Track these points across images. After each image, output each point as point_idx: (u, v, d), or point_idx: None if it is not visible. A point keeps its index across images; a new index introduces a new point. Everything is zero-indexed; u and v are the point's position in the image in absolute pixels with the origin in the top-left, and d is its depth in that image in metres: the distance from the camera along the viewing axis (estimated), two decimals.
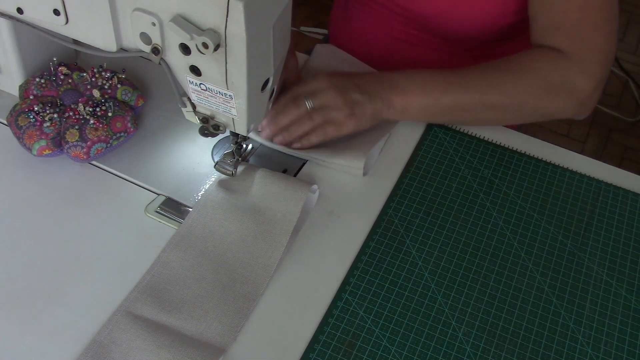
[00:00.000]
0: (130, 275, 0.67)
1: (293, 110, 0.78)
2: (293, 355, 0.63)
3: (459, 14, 0.91)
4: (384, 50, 1.04)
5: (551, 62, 0.80)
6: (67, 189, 0.75)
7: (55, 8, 0.64)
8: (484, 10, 0.90)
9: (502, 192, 0.80)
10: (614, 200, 0.80)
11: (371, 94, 0.79)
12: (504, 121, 0.84)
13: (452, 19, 0.92)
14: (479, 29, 0.92)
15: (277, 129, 0.78)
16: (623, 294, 0.71)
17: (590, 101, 0.81)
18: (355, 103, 0.78)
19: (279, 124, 0.78)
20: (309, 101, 0.78)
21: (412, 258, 0.72)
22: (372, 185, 0.79)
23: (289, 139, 0.79)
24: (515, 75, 0.80)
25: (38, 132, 0.74)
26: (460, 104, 0.80)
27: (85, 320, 0.64)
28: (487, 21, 0.91)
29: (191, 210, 0.73)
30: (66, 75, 0.80)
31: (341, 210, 0.76)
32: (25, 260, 0.68)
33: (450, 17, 0.92)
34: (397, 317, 0.67)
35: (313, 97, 0.78)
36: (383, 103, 0.80)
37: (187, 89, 0.66)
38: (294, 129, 0.78)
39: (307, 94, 0.79)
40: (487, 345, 0.66)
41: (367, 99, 0.79)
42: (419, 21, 0.97)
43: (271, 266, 0.69)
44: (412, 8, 0.95)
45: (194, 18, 0.58)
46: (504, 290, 0.70)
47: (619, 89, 2.30)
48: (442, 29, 0.95)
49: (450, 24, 0.93)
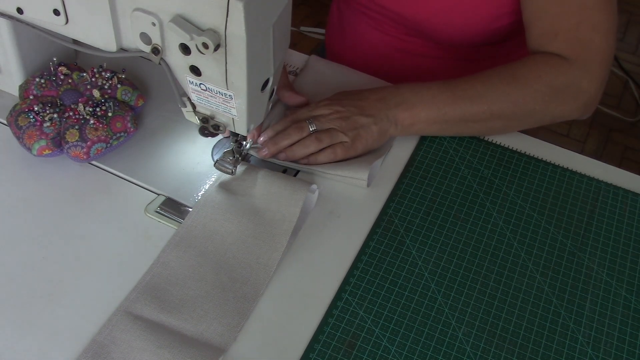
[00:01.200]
0: (130, 275, 0.67)
1: (296, 133, 0.77)
2: (293, 355, 0.63)
3: (452, 17, 0.91)
4: (381, 58, 1.03)
5: (554, 67, 0.79)
6: (67, 189, 0.75)
7: (55, 8, 0.64)
8: (478, 14, 0.90)
9: (502, 192, 0.80)
10: (614, 200, 0.80)
11: (375, 115, 0.79)
12: (512, 129, 0.84)
13: (445, 23, 0.92)
14: (473, 32, 0.92)
15: (277, 149, 0.78)
16: (623, 294, 0.71)
17: (594, 101, 0.82)
18: (361, 126, 0.78)
19: (279, 146, 0.77)
20: (312, 125, 0.78)
21: (412, 258, 0.72)
22: (372, 185, 0.79)
23: (292, 158, 0.78)
24: (521, 83, 0.79)
25: (38, 132, 0.74)
26: (469, 115, 0.80)
27: (85, 320, 0.64)
28: (481, 24, 0.91)
29: (191, 211, 0.73)
30: (66, 75, 0.80)
31: (341, 210, 0.76)
32: (25, 260, 0.68)
33: (443, 21, 0.92)
34: (397, 317, 0.67)
35: (316, 122, 0.78)
36: (389, 122, 0.79)
37: (187, 89, 0.66)
38: (299, 149, 0.77)
39: (310, 118, 0.78)
40: (487, 345, 0.66)
41: (372, 121, 0.79)
42: (412, 27, 0.96)
43: (271, 266, 0.69)
44: (404, 13, 0.94)
45: (194, 18, 0.58)
46: (504, 290, 0.70)
47: (619, 89, 2.30)
48: (436, 33, 0.95)
49: (443, 28, 0.93)
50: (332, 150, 0.78)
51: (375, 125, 0.78)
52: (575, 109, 0.81)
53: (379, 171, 0.80)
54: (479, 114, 0.79)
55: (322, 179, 0.78)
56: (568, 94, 0.80)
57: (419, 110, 0.79)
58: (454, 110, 0.79)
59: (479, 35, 0.93)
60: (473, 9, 0.89)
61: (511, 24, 0.91)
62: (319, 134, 0.77)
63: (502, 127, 0.83)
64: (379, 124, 0.79)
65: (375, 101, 0.80)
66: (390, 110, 0.79)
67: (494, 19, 0.90)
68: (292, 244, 0.72)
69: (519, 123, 0.83)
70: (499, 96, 0.79)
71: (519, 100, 0.79)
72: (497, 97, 0.79)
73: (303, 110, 0.81)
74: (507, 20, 0.91)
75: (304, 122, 0.78)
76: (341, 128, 0.78)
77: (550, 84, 0.79)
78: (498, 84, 0.80)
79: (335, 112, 0.79)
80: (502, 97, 0.79)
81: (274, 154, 0.78)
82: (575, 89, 0.80)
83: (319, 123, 0.78)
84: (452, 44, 0.97)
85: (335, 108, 0.79)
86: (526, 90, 0.79)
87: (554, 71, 0.79)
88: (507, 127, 0.83)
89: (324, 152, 0.78)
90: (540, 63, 0.80)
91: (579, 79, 0.80)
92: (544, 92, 0.79)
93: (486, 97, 0.79)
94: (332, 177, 0.78)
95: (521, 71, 0.80)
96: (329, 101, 0.81)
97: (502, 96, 0.79)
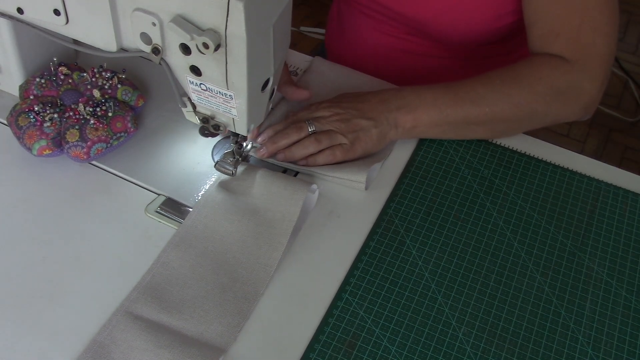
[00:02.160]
0: (130, 275, 0.67)
1: (295, 133, 0.77)
2: (293, 355, 0.63)
3: (453, 17, 0.91)
4: (381, 58, 1.03)
5: (555, 69, 0.79)
6: (67, 189, 0.75)
7: (56, 8, 0.64)
8: (479, 13, 0.90)
9: (502, 192, 0.80)
10: (614, 200, 0.80)
11: (376, 118, 0.79)
12: (514, 131, 0.84)
13: (448, 23, 0.92)
14: (474, 32, 0.92)
15: (276, 149, 0.77)
16: (623, 294, 0.71)
17: (595, 103, 0.82)
18: (360, 129, 0.78)
19: (278, 145, 0.77)
20: (311, 126, 0.77)
21: (412, 258, 0.72)
22: (373, 185, 0.79)
23: (290, 159, 0.78)
24: (523, 85, 0.79)
25: (38, 132, 0.74)
26: (471, 118, 0.80)
27: (85, 320, 0.64)
28: (482, 24, 0.91)
29: (191, 211, 0.73)
30: (66, 75, 0.80)
31: (341, 211, 0.76)
32: (25, 260, 0.68)
33: (446, 20, 0.92)
34: (397, 317, 0.67)
35: (316, 123, 0.78)
36: (389, 125, 0.79)
37: (187, 89, 0.66)
38: (297, 149, 0.77)
39: (310, 119, 0.78)
40: (487, 345, 0.66)
41: (372, 124, 0.78)
42: (414, 26, 0.96)
43: (271, 266, 0.69)
44: (405, 12, 0.94)
45: (194, 18, 0.58)
46: (504, 290, 0.70)
47: (619, 89, 2.30)
48: (437, 33, 0.95)
49: (444, 28, 0.93)
50: (331, 151, 0.77)
51: (375, 129, 0.78)
52: (576, 110, 0.81)
53: (378, 173, 0.80)
54: (481, 116, 0.79)
55: (321, 180, 0.78)
56: (569, 95, 0.80)
57: (420, 112, 0.79)
58: (456, 112, 0.79)
59: (480, 35, 0.93)
60: (474, 9, 0.89)
61: (512, 23, 0.91)
62: (318, 135, 0.77)
63: (504, 129, 0.83)
64: (379, 127, 0.79)
65: (377, 103, 0.80)
66: (392, 112, 0.79)
67: (495, 19, 0.90)
68: (292, 244, 0.72)
69: (521, 125, 0.82)
70: (501, 98, 0.79)
71: (521, 102, 0.79)
72: (499, 99, 0.79)
73: (303, 112, 0.80)
74: (509, 20, 0.91)
75: (303, 123, 0.78)
76: (340, 130, 0.78)
77: (552, 85, 0.79)
78: (500, 85, 0.79)
79: (335, 114, 0.79)
80: (503, 98, 0.79)
81: (272, 153, 0.78)
82: (577, 90, 0.80)
83: (319, 124, 0.78)
84: (453, 44, 0.97)
85: (335, 110, 0.79)
86: (528, 91, 0.79)
87: (555, 72, 0.79)
88: (509, 129, 0.83)
89: (323, 154, 0.77)
90: (542, 64, 0.80)
91: (580, 80, 0.79)
92: (546, 94, 0.79)
93: (488, 99, 0.79)
94: (331, 179, 0.78)
95: (522, 73, 0.80)
96: (330, 103, 0.80)
97: (504, 98, 0.79)
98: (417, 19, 0.94)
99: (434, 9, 0.91)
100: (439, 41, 0.97)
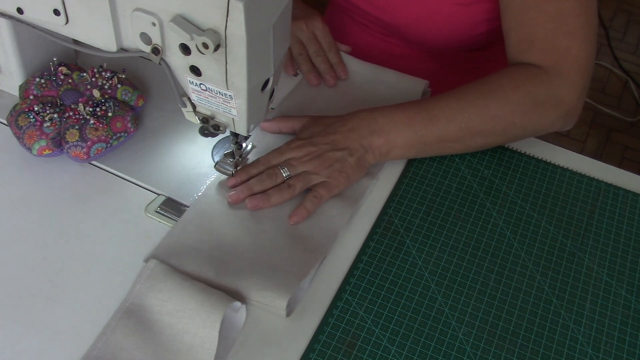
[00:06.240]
0: (131, 275, 0.67)
1: (269, 180, 0.74)
2: (293, 355, 0.63)
3: (432, 24, 0.91)
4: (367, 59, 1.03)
5: (531, 78, 0.78)
6: (67, 189, 0.75)
7: (56, 8, 0.64)
8: (452, 22, 0.89)
9: (502, 192, 0.80)
10: (614, 200, 0.80)
11: (349, 147, 0.76)
12: (493, 144, 0.82)
13: (426, 30, 0.92)
14: (451, 39, 0.92)
15: (250, 193, 0.73)
16: (623, 294, 0.71)
17: (576, 111, 0.80)
18: (336, 161, 0.75)
19: (252, 190, 0.73)
20: (284, 170, 0.74)
21: (412, 258, 0.72)
22: (373, 185, 0.79)
23: (269, 206, 0.73)
24: (499, 96, 0.77)
25: (38, 132, 0.74)
26: (446, 135, 0.77)
27: (85, 320, 0.64)
28: (457, 32, 0.91)
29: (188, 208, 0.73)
30: (66, 75, 0.80)
31: None
32: (25, 260, 0.68)
33: (424, 26, 0.91)
34: (397, 317, 0.67)
35: (288, 166, 0.74)
36: (365, 151, 0.76)
37: (187, 89, 0.66)
38: (275, 197, 0.73)
39: (282, 164, 0.75)
40: (487, 345, 0.66)
41: (346, 153, 0.75)
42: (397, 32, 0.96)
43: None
44: (383, 18, 0.95)
45: (194, 18, 0.58)
46: (504, 290, 0.70)
47: (619, 89, 2.30)
48: (415, 38, 0.94)
49: (421, 33, 0.93)
50: (313, 196, 0.73)
51: (351, 157, 0.75)
52: (555, 120, 0.79)
53: (378, 170, 0.79)
54: (457, 132, 0.77)
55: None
56: (547, 104, 0.78)
57: (394, 135, 0.77)
58: (431, 131, 0.77)
59: (457, 42, 0.93)
60: (449, 16, 0.89)
61: (489, 30, 0.91)
62: (291, 179, 0.74)
63: (482, 144, 0.80)
64: (355, 154, 0.76)
65: (347, 132, 0.76)
66: (365, 139, 0.76)
67: (472, 26, 0.90)
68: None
69: (499, 138, 0.80)
70: (477, 111, 0.77)
71: (498, 114, 0.77)
72: (475, 112, 0.77)
73: (275, 154, 0.76)
74: (485, 28, 0.90)
75: (277, 169, 0.74)
76: (315, 169, 0.74)
77: (529, 94, 0.77)
78: (475, 99, 0.77)
79: (307, 153, 0.75)
80: (480, 112, 0.77)
81: (244, 199, 0.73)
82: (555, 100, 0.78)
83: (292, 168, 0.74)
84: (434, 49, 0.97)
85: (308, 149, 0.75)
86: (504, 104, 0.77)
87: (531, 81, 0.78)
88: (488, 143, 0.81)
89: (309, 202, 0.73)
90: (517, 73, 0.79)
91: (558, 89, 0.78)
92: (523, 104, 0.77)
93: (463, 114, 0.77)
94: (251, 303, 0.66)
95: (498, 83, 0.78)
96: (301, 141, 0.76)
97: (480, 111, 0.77)
98: (395, 25, 0.94)
99: (411, 16, 0.91)
100: (425, 46, 0.97)
